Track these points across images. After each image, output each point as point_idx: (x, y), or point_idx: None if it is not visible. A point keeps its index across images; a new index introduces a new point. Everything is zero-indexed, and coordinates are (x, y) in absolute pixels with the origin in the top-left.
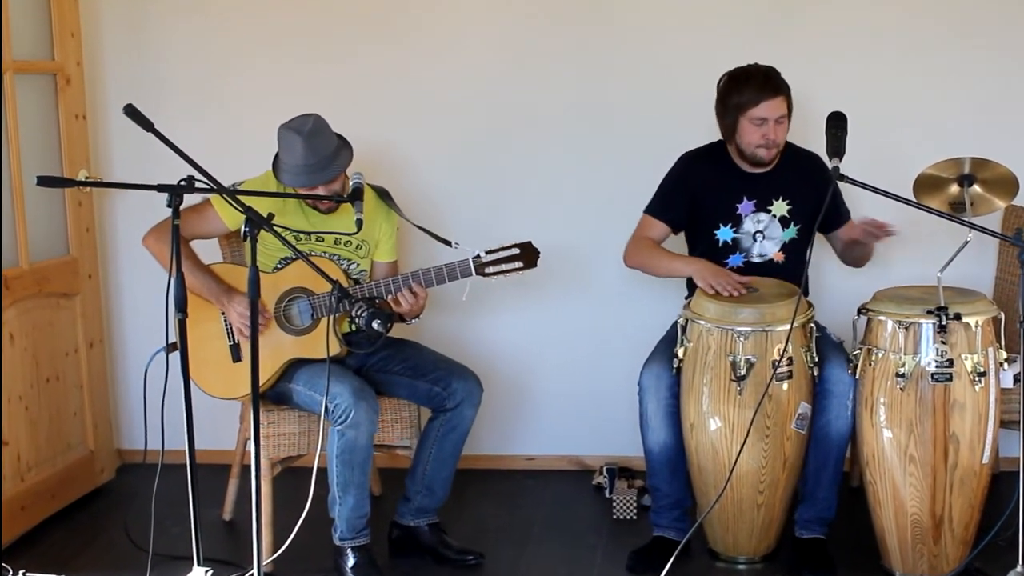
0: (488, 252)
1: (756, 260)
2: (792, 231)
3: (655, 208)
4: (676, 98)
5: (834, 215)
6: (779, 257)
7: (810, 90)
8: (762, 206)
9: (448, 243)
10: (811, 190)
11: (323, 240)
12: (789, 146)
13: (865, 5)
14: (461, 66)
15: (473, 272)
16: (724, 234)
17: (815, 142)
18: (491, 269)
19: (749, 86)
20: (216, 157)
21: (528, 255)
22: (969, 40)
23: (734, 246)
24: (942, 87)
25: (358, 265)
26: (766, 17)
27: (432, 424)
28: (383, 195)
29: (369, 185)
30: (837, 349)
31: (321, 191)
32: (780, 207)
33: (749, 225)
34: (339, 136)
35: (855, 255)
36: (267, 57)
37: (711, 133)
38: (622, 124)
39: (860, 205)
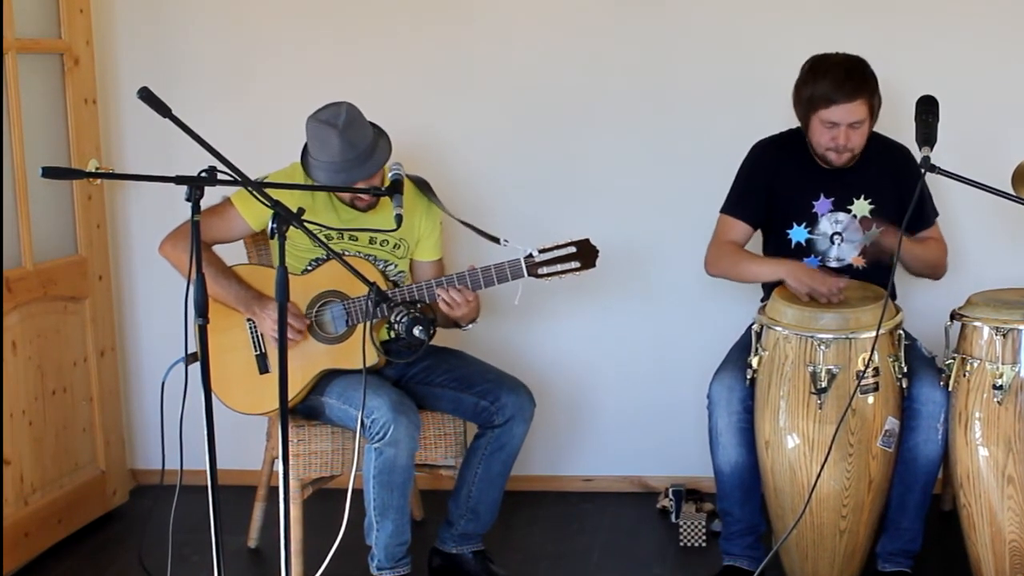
0: (541, 251)
1: (833, 265)
2: (875, 234)
3: (731, 206)
4: (751, 80)
5: (918, 216)
6: (859, 262)
7: (901, 72)
8: (841, 205)
9: (497, 240)
10: (898, 188)
11: (357, 239)
12: (876, 137)
13: None
14: (510, 45)
15: (525, 273)
16: (797, 234)
17: (906, 130)
18: (545, 270)
19: (824, 82)
20: (241, 146)
21: (586, 254)
22: None
23: (808, 248)
24: None
25: (396, 266)
26: None
27: (479, 441)
28: (423, 187)
29: (407, 176)
30: (928, 364)
31: (359, 185)
32: (862, 207)
33: (826, 225)
34: (374, 125)
35: (918, 266)
36: (296, 37)
37: (790, 119)
38: (690, 109)
39: (950, 200)
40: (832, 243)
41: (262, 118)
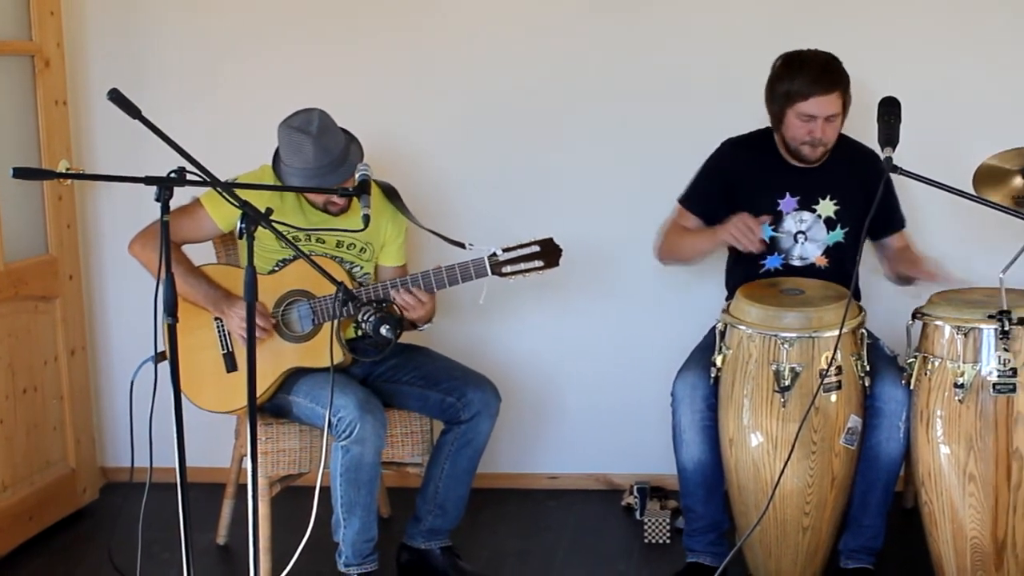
0: (505, 250)
1: (796, 263)
2: (838, 234)
3: (687, 198)
4: (719, 81)
5: (886, 219)
6: (822, 262)
7: (864, 74)
8: (807, 204)
9: (462, 245)
10: (863, 190)
11: (324, 241)
12: (844, 139)
13: None
14: (476, 49)
15: (489, 272)
16: (762, 232)
17: (869, 131)
18: (509, 268)
19: (801, 76)
20: (210, 148)
21: (549, 253)
22: None
23: (772, 245)
24: (1006, 71)
25: (362, 269)
26: None
27: (445, 437)
28: (390, 194)
29: (375, 182)
30: (890, 363)
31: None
32: (827, 207)
33: (790, 224)
34: (344, 131)
35: (905, 277)
36: (266, 42)
37: (759, 120)
38: (656, 110)
39: (913, 200)
40: (796, 242)
41: (231, 120)
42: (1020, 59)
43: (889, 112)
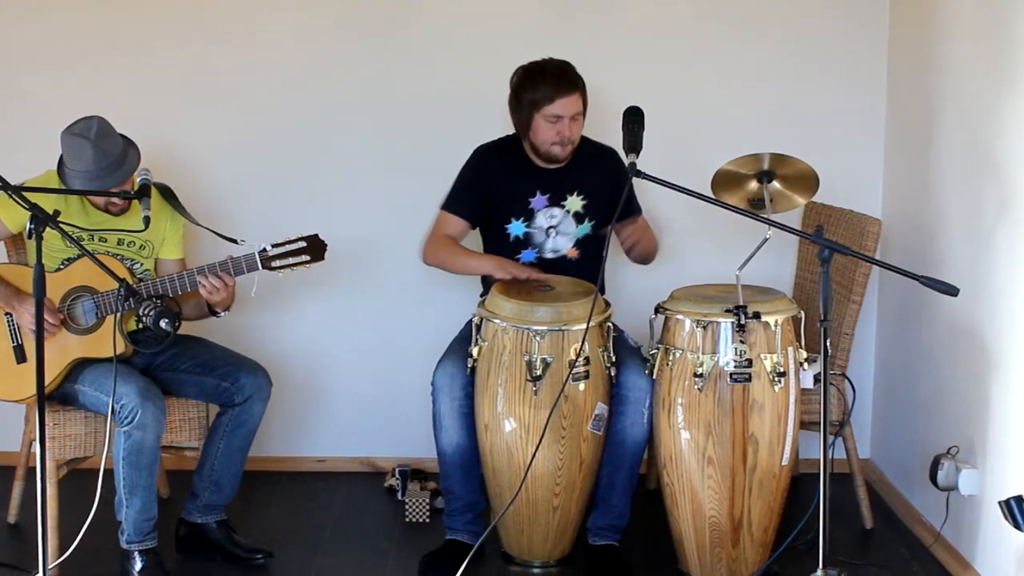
0: (274, 245)
1: (549, 256)
2: (586, 227)
3: (451, 203)
4: (472, 92)
5: (625, 210)
6: (573, 253)
7: (606, 85)
8: (556, 201)
9: (234, 241)
10: (607, 186)
11: (106, 240)
12: (585, 140)
13: (664, 1)
14: (248, 61)
15: (259, 266)
16: (516, 228)
17: (612, 138)
18: (278, 263)
19: (544, 82)
20: (4, 156)
21: (315, 248)
22: (768, 36)
23: (526, 241)
24: (741, 83)
25: (142, 265)
26: (564, 13)
27: (220, 419)
28: (166, 194)
29: (153, 183)
30: (634, 353)
31: (113, 190)
32: (574, 202)
33: (542, 220)
34: (123, 136)
35: (638, 252)
36: (58, 55)
37: (504, 127)
38: (417, 118)
39: (656, 202)
40: (547, 236)
41: (19, 132)
42: (756, 73)
43: (633, 120)
